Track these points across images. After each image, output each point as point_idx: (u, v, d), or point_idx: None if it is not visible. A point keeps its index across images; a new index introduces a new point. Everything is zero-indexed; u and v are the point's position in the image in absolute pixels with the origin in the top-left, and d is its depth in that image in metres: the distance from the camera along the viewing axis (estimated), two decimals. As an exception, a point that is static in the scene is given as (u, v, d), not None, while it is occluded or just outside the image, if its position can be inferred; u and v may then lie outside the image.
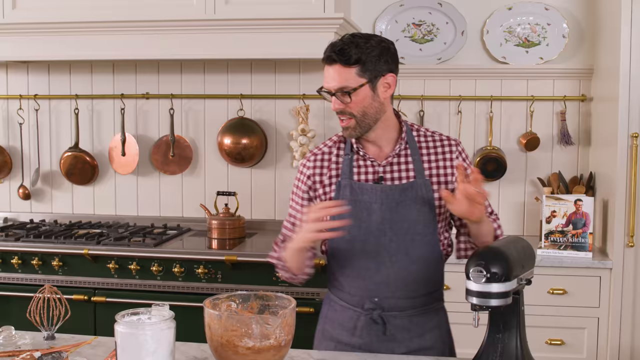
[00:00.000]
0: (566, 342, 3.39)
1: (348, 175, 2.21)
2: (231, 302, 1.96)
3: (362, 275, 2.19)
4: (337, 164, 2.26)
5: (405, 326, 2.20)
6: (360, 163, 2.24)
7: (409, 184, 2.18)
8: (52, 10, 3.72)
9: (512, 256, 1.84)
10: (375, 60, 2.11)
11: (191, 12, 3.61)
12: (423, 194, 2.17)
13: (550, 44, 3.86)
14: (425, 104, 3.97)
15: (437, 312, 2.28)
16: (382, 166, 2.22)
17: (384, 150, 2.24)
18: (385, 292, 2.18)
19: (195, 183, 4.21)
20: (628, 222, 3.31)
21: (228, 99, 4.15)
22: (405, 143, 2.23)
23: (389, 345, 2.19)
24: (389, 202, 2.16)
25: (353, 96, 2.10)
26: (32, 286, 3.53)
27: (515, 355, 1.88)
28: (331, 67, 2.11)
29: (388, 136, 2.23)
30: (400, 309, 2.19)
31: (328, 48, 2.13)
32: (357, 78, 2.10)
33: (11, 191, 4.40)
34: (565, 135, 3.86)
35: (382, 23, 3.98)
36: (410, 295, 2.19)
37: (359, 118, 2.14)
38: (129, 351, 1.74)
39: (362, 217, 2.17)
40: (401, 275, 2.17)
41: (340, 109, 2.13)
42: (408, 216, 2.16)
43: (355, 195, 2.19)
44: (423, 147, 2.25)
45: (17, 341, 2.11)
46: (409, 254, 2.17)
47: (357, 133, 2.17)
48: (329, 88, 2.13)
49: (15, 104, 4.33)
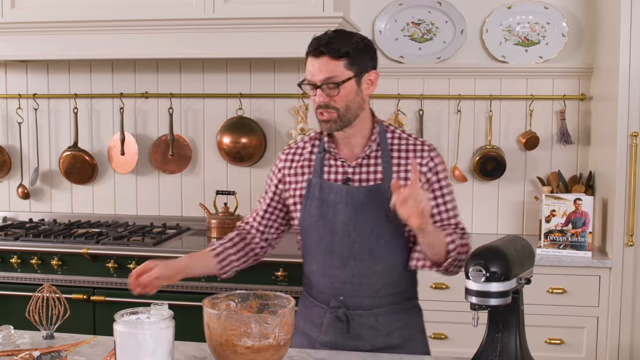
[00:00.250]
0: (565, 342, 3.38)
1: (319, 174, 2.23)
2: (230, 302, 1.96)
3: (328, 274, 2.21)
4: (310, 161, 2.27)
5: (370, 325, 2.21)
6: (332, 162, 2.24)
7: (375, 186, 2.17)
8: (51, 9, 3.72)
9: (511, 255, 1.84)
10: (362, 55, 2.13)
11: (190, 11, 3.61)
12: (389, 196, 2.11)
13: (549, 43, 3.86)
14: (425, 103, 3.97)
15: (406, 311, 2.28)
16: (351, 167, 2.21)
17: (355, 151, 2.23)
18: (350, 291, 2.19)
19: (195, 182, 4.21)
20: (627, 221, 3.31)
21: (227, 98, 4.14)
22: (376, 145, 2.22)
23: (353, 343, 2.21)
24: (354, 203, 2.16)
25: (341, 89, 2.10)
26: (31, 285, 3.53)
27: (514, 354, 1.88)
28: (318, 60, 2.09)
29: (362, 135, 2.22)
30: (365, 308, 2.21)
31: (314, 41, 2.12)
32: (344, 71, 2.10)
33: (10, 190, 4.39)
34: (565, 134, 3.86)
35: (381, 22, 3.98)
36: (376, 294, 2.20)
37: (342, 112, 2.12)
38: (128, 350, 1.74)
39: (328, 217, 2.19)
40: (366, 275, 2.18)
41: (326, 102, 2.11)
42: (373, 218, 2.16)
43: (323, 194, 2.20)
44: (395, 149, 2.23)
45: (16, 340, 2.11)
46: (374, 254, 2.17)
47: (336, 127, 2.15)
48: (315, 80, 2.11)
49: (15, 103, 4.33)
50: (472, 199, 3.99)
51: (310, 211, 2.21)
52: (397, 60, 3.97)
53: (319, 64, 2.09)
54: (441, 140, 3.99)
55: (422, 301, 3.40)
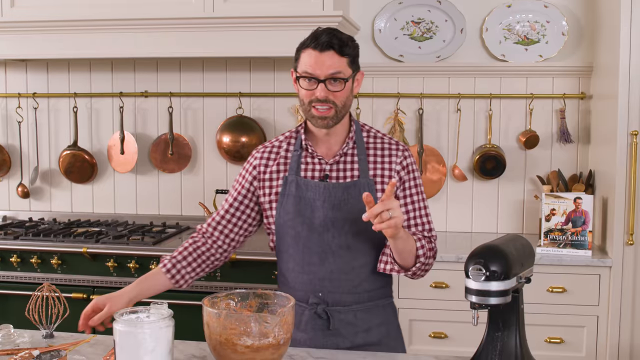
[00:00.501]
0: (565, 341, 3.38)
1: (295, 171, 2.24)
2: (230, 301, 1.96)
3: (306, 271, 2.22)
4: (286, 159, 2.28)
5: (349, 321, 2.23)
6: (309, 160, 2.26)
7: (352, 183, 2.20)
8: (50, 8, 3.72)
9: (511, 254, 1.84)
10: (357, 55, 2.18)
11: (190, 10, 3.61)
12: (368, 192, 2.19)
13: (549, 42, 3.86)
14: (425, 101, 3.97)
15: (384, 308, 2.30)
16: (329, 164, 2.24)
17: (333, 149, 2.26)
18: (329, 287, 2.21)
19: (194, 181, 4.21)
20: (627, 220, 3.31)
21: (227, 97, 4.14)
22: (353, 142, 2.25)
23: (333, 340, 2.22)
24: (332, 200, 2.18)
25: (346, 85, 2.12)
26: (30, 284, 3.53)
27: (514, 353, 1.88)
28: (323, 54, 2.09)
29: (341, 133, 2.25)
30: (344, 304, 2.22)
31: (315, 35, 2.12)
32: (347, 68, 2.13)
33: (10, 189, 4.39)
34: (565, 133, 3.85)
35: (381, 21, 3.98)
36: (354, 290, 2.22)
37: (340, 108, 2.14)
38: (127, 350, 1.73)
39: (306, 214, 2.20)
40: (344, 271, 2.20)
41: (327, 96, 2.11)
42: (351, 214, 2.18)
43: (300, 192, 2.21)
44: (371, 147, 2.27)
45: (16, 339, 2.11)
46: (352, 250, 2.19)
47: (333, 123, 2.17)
48: (319, 74, 2.10)
49: (14, 102, 4.33)
50: (472, 198, 3.99)
51: (287, 208, 2.22)
52: (397, 59, 3.97)
53: (325, 58, 2.09)
54: (441, 139, 3.99)
55: (422, 300, 3.44)
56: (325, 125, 2.16)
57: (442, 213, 4.01)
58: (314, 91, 2.12)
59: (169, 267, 2.27)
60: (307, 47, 2.13)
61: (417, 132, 3.97)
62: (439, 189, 3.98)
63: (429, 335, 3.46)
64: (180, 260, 2.29)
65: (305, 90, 2.14)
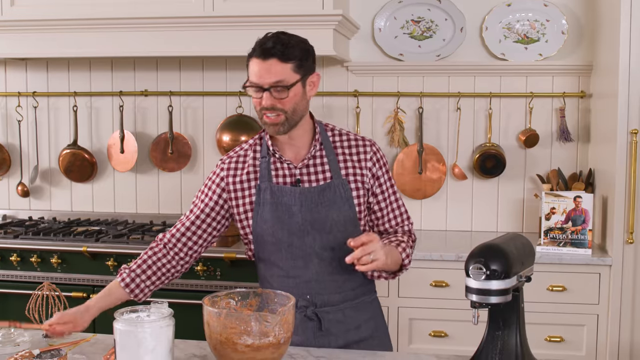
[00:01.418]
0: (565, 339, 3.38)
1: (267, 178, 2.23)
2: (230, 300, 1.96)
3: (292, 275, 2.22)
4: (255, 167, 2.26)
5: (339, 320, 2.25)
6: (278, 165, 2.25)
7: (326, 185, 2.21)
8: (50, 7, 3.72)
9: (511, 253, 1.84)
10: (306, 58, 2.14)
11: (190, 9, 3.60)
12: (341, 193, 2.21)
13: (549, 41, 3.85)
14: (424, 100, 3.97)
15: (370, 303, 2.34)
16: (298, 168, 2.23)
17: (301, 153, 2.25)
18: (317, 288, 2.22)
19: (194, 180, 4.20)
20: (627, 218, 3.31)
21: (227, 96, 4.14)
22: (320, 144, 2.26)
23: (325, 340, 2.23)
24: (308, 204, 2.19)
25: (290, 92, 2.10)
26: (30, 283, 3.53)
27: (514, 352, 1.88)
28: (265, 62, 2.08)
29: (306, 136, 2.25)
30: (332, 304, 2.24)
31: (260, 43, 2.11)
32: (292, 74, 2.10)
33: (10, 188, 4.39)
34: (565, 131, 3.85)
35: (380, 20, 3.97)
36: (341, 289, 2.24)
37: (290, 114, 2.13)
38: (128, 349, 1.74)
39: (284, 219, 2.20)
40: (329, 271, 2.22)
41: (273, 104, 2.11)
42: (329, 216, 2.19)
43: (275, 198, 2.20)
44: (338, 146, 2.28)
45: (16, 339, 2.10)
46: (335, 250, 2.20)
47: (284, 129, 2.16)
48: (263, 83, 2.09)
49: (14, 101, 4.32)
50: (471, 196, 3.99)
51: (264, 216, 2.21)
52: (397, 58, 3.97)
53: (268, 66, 2.08)
54: (441, 138, 3.99)
55: (422, 299, 3.44)
56: (277, 131, 2.16)
57: (442, 212, 4.02)
58: (261, 99, 2.12)
59: (128, 282, 2.24)
60: (252, 56, 2.13)
61: (417, 131, 3.97)
62: (438, 187, 3.98)
63: (429, 334, 3.46)
64: (139, 274, 2.26)
65: (254, 98, 2.15)
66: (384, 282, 3.42)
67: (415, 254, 3.39)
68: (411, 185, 3.98)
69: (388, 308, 3.45)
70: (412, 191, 3.99)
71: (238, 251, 3.39)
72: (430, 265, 3.41)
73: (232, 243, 3.61)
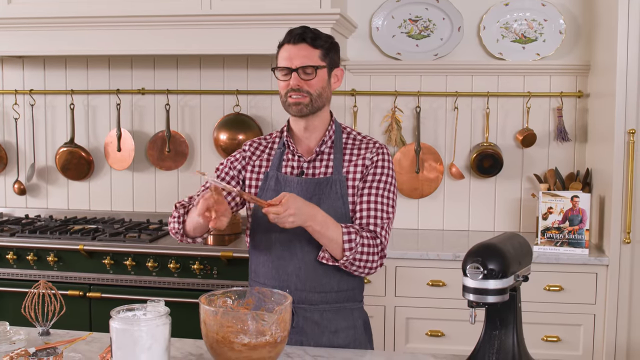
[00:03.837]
0: (562, 339, 3.39)
1: (277, 167, 2.32)
2: (227, 299, 1.96)
3: (276, 265, 2.25)
4: (270, 156, 2.36)
5: (315, 320, 2.25)
6: (289, 157, 2.33)
7: (324, 179, 2.26)
8: (47, 5, 3.71)
9: (509, 253, 1.84)
10: (333, 50, 2.27)
11: (187, 7, 3.60)
12: (337, 189, 2.24)
13: (547, 40, 3.86)
14: (422, 100, 3.96)
15: (351, 311, 2.32)
16: (306, 161, 2.30)
17: (312, 147, 2.33)
18: (296, 283, 2.24)
19: (191, 179, 4.20)
20: (624, 218, 3.31)
21: (224, 94, 4.13)
22: (331, 142, 2.32)
23: (297, 338, 2.25)
24: (304, 194, 2.23)
25: (317, 73, 2.20)
26: (27, 281, 3.53)
27: (512, 351, 1.88)
28: (296, 46, 2.21)
29: (320, 131, 2.32)
30: (310, 303, 2.25)
31: (290, 32, 2.23)
32: (320, 60, 2.22)
33: (6, 186, 4.38)
34: (562, 131, 3.85)
35: (378, 19, 3.97)
36: (321, 289, 2.24)
37: (315, 97, 2.22)
38: (124, 347, 1.73)
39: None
40: (311, 267, 2.23)
41: (300, 85, 2.20)
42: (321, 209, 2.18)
43: (279, 187, 2.28)
44: (348, 147, 2.33)
45: (12, 337, 2.10)
46: (320, 246, 2.20)
47: (307, 110, 2.23)
48: (292, 65, 2.20)
49: (11, 99, 4.31)
50: (469, 196, 3.99)
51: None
52: (394, 57, 3.97)
53: (297, 49, 2.20)
54: (438, 137, 3.99)
55: (419, 298, 3.43)
56: (299, 111, 2.22)
57: (439, 211, 4.01)
58: (289, 81, 2.21)
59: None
60: (283, 43, 2.25)
61: (414, 130, 3.97)
62: (436, 187, 3.98)
63: (426, 333, 3.46)
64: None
65: (282, 81, 2.24)
66: (381, 282, 3.42)
67: (412, 253, 3.41)
68: (408, 184, 3.98)
69: (385, 307, 3.45)
70: (409, 190, 3.99)
71: (235, 250, 3.39)
72: (428, 265, 3.41)
73: (229, 242, 3.61)
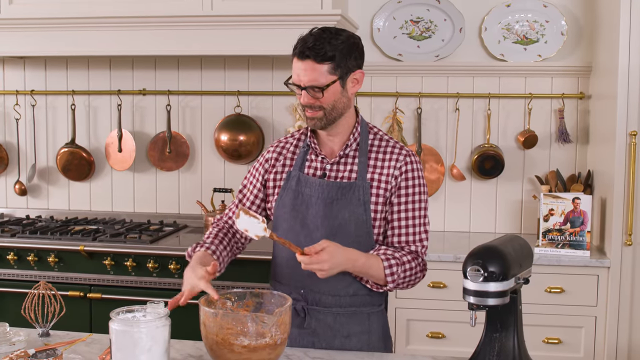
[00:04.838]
0: (563, 341, 3.38)
1: (299, 168, 2.28)
2: (227, 300, 1.96)
3: (292, 265, 2.21)
4: (294, 155, 2.32)
5: (328, 323, 2.23)
6: (313, 157, 2.29)
7: (347, 184, 2.20)
8: (48, 5, 3.71)
9: (509, 255, 1.83)
10: (346, 56, 2.14)
11: (188, 8, 3.60)
12: (360, 195, 2.18)
13: (548, 42, 3.85)
14: (423, 101, 3.96)
15: (368, 316, 2.26)
16: (330, 163, 2.25)
17: (336, 149, 2.28)
18: (310, 284, 2.21)
19: (192, 179, 4.20)
20: (626, 220, 3.31)
21: (225, 95, 4.13)
22: (356, 144, 2.26)
23: (309, 339, 2.23)
24: (325, 198, 2.20)
25: (325, 93, 2.12)
26: (27, 282, 3.52)
27: (512, 354, 1.87)
28: (303, 62, 2.12)
29: (344, 133, 2.26)
30: (324, 305, 2.22)
31: (299, 43, 2.14)
32: (328, 75, 2.11)
33: (7, 187, 4.38)
34: (564, 133, 3.85)
35: (379, 20, 3.97)
36: (335, 292, 2.21)
37: (328, 111, 2.16)
38: (123, 349, 1.73)
39: (301, 209, 2.23)
40: None
41: (311, 103, 2.15)
42: (340, 215, 2.18)
43: (300, 187, 2.25)
44: (374, 150, 2.26)
45: (12, 338, 2.10)
46: None
47: (322, 124, 2.19)
48: (300, 83, 2.14)
49: (12, 99, 4.31)
50: (470, 197, 3.99)
51: (284, 201, 2.25)
52: (396, 58, 3.96)
53: (304, 66, 2.12)
54: (439, 138, 3.99)
55: (420, 300, 3.43)
56: (315, 125, 2.19)
57: (440, 212, 4.01)
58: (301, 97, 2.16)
59: (213, 250, 2.23)
60: (293, 54, 2.16)
61: (415, 131, 3.96)
62: (437, 188, 3.97)
63: (426, 335, 3.45)
64: (217, 244, 2.27)
65: (297, 95, 2.19)
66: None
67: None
68: (409, 185, 3.97)
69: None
70: (410, 192, 3.98)
71: (235, 251, 3.38)
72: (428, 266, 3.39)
73: (230, 243, 3.60)
